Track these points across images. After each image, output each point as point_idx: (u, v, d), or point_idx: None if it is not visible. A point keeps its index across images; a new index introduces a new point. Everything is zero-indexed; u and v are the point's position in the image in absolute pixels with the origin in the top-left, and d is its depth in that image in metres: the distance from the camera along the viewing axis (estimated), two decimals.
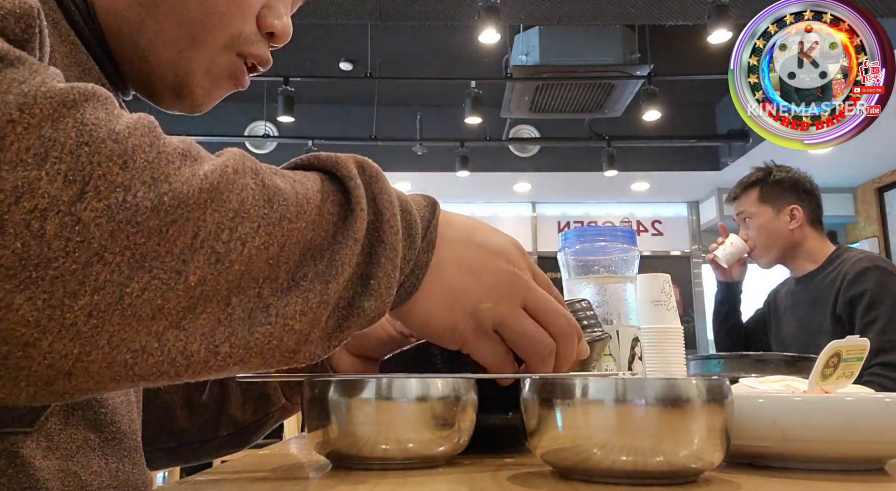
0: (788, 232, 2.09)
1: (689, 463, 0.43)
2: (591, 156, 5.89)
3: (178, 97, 0.60)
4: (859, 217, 6.60)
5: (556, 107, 5.00)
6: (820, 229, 2.14)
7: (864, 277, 1.93)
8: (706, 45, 4.11)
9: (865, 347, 0.66)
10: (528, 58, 4.59)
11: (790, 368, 0.96)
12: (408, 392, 0.50)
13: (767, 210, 2.13)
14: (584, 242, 0.87)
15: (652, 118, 4.98)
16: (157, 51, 0.57)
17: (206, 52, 0.58)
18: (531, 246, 7.10)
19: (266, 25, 0.61)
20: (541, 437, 0.45)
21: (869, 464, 0.52)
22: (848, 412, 0.49)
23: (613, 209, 7.22)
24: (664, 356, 0.91)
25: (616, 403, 0.42)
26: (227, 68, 0.61)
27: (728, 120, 5.79)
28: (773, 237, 2.11)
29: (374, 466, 0.50)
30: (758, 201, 2.14)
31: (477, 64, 5.13)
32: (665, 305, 0.93)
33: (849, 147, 3.34)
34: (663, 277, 0.96)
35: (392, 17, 4.18)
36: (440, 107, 5.95)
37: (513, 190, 6.83)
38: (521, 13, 4.16)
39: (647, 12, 4.10)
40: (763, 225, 2.13)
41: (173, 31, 0.56)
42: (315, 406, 0.51)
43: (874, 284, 1.91)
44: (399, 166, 6.09)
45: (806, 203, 2.12)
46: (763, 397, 0.52)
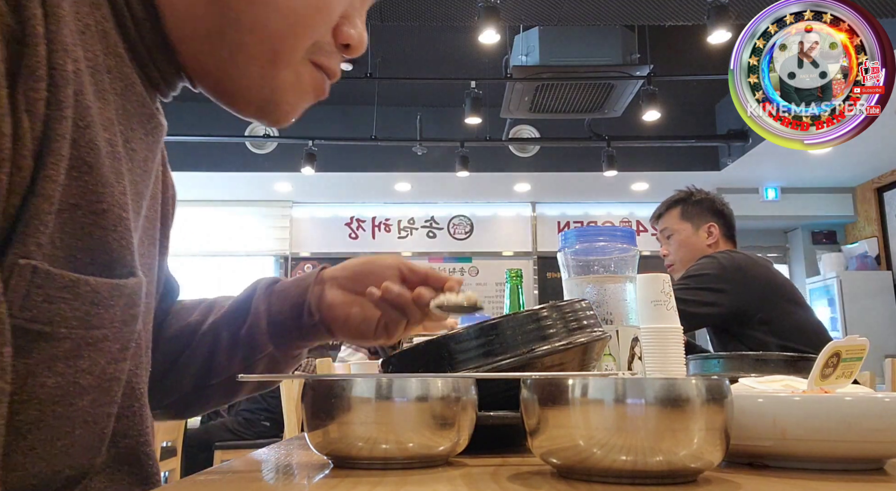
0: (706, 247, 2.31)
1: (688, 462, 0.43)
2: (591, 156, 5.89)
3: (262, 112, 0.59)
4: (858, 217, 6.60)
5: (555, 107, 5.00)
6: (731, 245, 2.35)
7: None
8: (706, 45, 4.11)
9: (865, 347, 0.66)
10: (528, 58, 4.59)
11: (790, 368, 0.96)
12: (408, 392, 0.50)
13: (687, 227, 2.36)
14: (583, 242, 0.87)
15: (652, 118, 4.97)
16: (240, 65, 0.55)
17: (289, 66, 0.57)
18: (531, 246, 7.11)
19: (343, 37, 0.59)
20: (541, 437, 0.46)
21: (868, 464, 0.52)
22: (847, 412, 0.49)
23: (613, 209, 7.22)
24: (664, 356, 0.91)
25: (616, 403, 0.42)
26: (310, 81, 0.60)
27: (728, 120, 5.79)
28: (691, 251, 2.33)
29: (374, 466, 0.50)
30: (679, 219, 2.37)
31: (477, 64, 5.13)
32: (665, 305, 0.93)
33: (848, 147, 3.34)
34: (663, 276, 0.96)
35: (392, 17, 4.18)
36: (440, 107, 5.94)
37: (513, 190, 6.82)
38: (521, 13, 4.16)
39: (646, 12, 4.10)
40: (683, 240, 2.36)
41: (256, 46, 0.54)
42: (315, 406, 0.51)
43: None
44: (399, 166, 6.08)
45: (721, 222, 2.34)
46: (763, 397, 0.52)
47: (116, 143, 0.48)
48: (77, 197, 0.43)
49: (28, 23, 0.39)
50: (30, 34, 0.39)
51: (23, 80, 0.39)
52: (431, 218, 7.10)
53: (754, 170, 5.94)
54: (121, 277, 0.47)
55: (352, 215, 7.01)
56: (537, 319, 0.64)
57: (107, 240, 0.45)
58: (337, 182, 6.40)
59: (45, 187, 0.40)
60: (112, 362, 0.48)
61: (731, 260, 2.12)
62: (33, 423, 0.43)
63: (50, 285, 0.41)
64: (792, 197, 6.53)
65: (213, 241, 6.66)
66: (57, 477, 0.46)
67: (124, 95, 0.51)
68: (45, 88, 0.40)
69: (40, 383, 0.42)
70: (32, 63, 0.39)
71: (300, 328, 0.72)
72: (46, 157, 0.40)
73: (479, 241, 7.08)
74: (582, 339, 0.64)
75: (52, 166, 0.41)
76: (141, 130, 0.53)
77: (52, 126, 0.41)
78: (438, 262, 6.99)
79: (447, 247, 7.07)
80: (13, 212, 0.39)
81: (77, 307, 0.43)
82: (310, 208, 7.03)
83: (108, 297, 0.45)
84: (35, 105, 0.39)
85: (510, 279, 1.26)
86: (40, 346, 0.42)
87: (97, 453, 0.49)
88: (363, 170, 6.15)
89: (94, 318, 0.45)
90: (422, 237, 7.05)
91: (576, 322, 0.66)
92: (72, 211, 0.43)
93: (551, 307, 0.65)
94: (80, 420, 0.46)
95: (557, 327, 0.64)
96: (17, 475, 0.43)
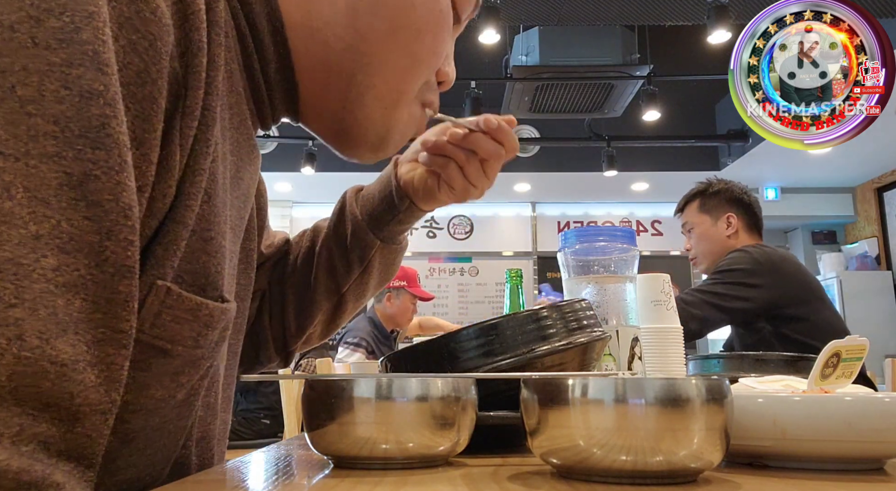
0: (726, 238, 2.26)
1: (688, 463, 0.43)
2: (591, 156, 5.89)
3: (373, 150, 0.62)
4: (858, 217, 6.60)
5: (555, 107, 4.99)
6: (754, 236, 2.28)
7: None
8: (706, 45, 4.11)
9: (865, 347, 0.66)
10: (528, 58, 4.59)
11: (790, 367, 0.96)
12: (408, 392, 0.50)
13: (706, 219, 2.31)
14: (583, 242, 0.87)
15: (652, 118, 4.97)
16: (366, 106, 0.58)
17: (407, 106, 0.61)
18: (531, 246, 7.11)
19: (441, 75, 0.64)
20: (541, 437, 0.46)
21: (868, 464, 0.52)
22: (847, 412, 0.49)
23: (613, 209, 7.22)
24: (664, 356, 0.91)
25: (616, 403, 0.42)
26: (418, 119, 0.64)
27: (728, 120, 5.79)
28: (712, 243, 2.29)
29: (374, 466, 0.50)
30: (698, 211, 2.33)
31: (477, 64, 5.13)
32: (665, 305, 0.93)
33: (848, 147, 3.35)
34: (663, 277, 0.96)
35: None
36: (440, 107, 5.94)
37: (513, 190, 6.82)
38: (521, 13, 4.16)
39: (647, 12, 4.10)
40: (703, 233, 2.32)
41: (383, 87, 0.58)
42: (315, 406, 0.51)
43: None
44: None
45: (741, 212, 2.27)
46: (762, 397, 0.52)
47: (227, 175, 0.51)
48: (195, 224, 0.46)
49: (194, 69, 0.42)
50: (194, 79, 0.43)
51: (179, 118, 0.42)
52: (431, 218, 7.10)
53: (754, 170, 5.94)
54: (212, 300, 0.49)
55: None
56: (537, 319, 0.64)
57: (207, 265, 0.48)
58: (337, 182, 6.39)
59: (185, 215, 0.43)
60: (200, 378, 0.51)
61: (765, 255, 2.08)
62: (137, 432, 0.46)
63: (179, 306, 0.44)
64: (792, 197, 6.52)
65: None
66: (135, 484, 0.49)
67: (238, 129, 0.54)
68: (197, 126, 0.43)
69: (149, 395, 0.45)
70: (192, 104, 0.43)
71: (394, 214, 0.79)
72: (189, 187, 0.43)
73: (479, 241, 7.08)
74: (582, 339, 0.64)
75: (193, 197, 0.44)
76: (247, 160, 0.56)
77: (197, 160, 0.44)
78: (438, 262, 6.99)
79: (447, 247, 7.07)
80: (149, 234, 0.42)
81: (194, 328, 0.46)
82: (310, 208, 7.02)
83: (216, 319, 0.48)
84: (187, 141, 0.43)
85: (510, 279, 1.27)
86: (158, 361, 0.45)
87: (169, 463, 0.52)
88: (363, 170, 6.13)
89: (202, 338, 0.48)
90: (422, 237, 7.05)
91: (576, 322, 0.66)
92: (189, 237, 0.45)
93: (551, 307, 0.65)
94: (167, 431, 0.49)
95: (557, 327, 0.64)
96: (113, 481, 0.46)
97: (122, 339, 0.37)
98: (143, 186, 0.40)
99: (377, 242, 0.79)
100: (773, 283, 2.03)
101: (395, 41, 0.57)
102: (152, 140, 0.40)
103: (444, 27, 0.61)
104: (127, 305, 0.38)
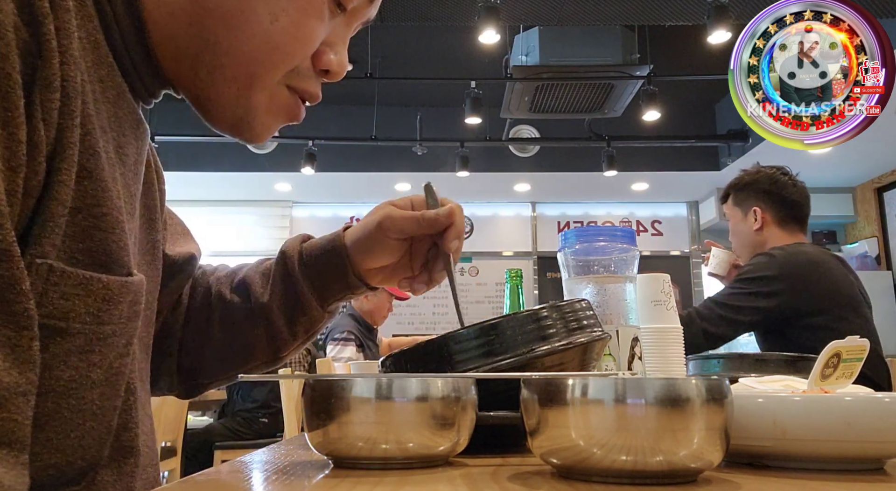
0: (753, 233, 2.13)
1: (688, 463, 0.43)
2: (591, 156, 5.89)
3: (235, 130, 0.61)
4: (858, 217, 6.59)
5: (555, 107, 4.99)
6: (790, 229, 2.12)
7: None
8: (706, 45, 4.11)
9: (865, 347, 0.66)
10: (528, 58, 4.59)
11: (790, 367, 0.96)
12: (408, 392, 0.50)
13: (738, 213, 2.20)
14: (583, 242, 0.87)
15: (652, 118, 4.97)
16: (216, 85, 0.57)
17: (264, 89, 0.59)
18: (531, 246, 7.11)
19: (323, 63, 0.61)
20: (541, 437, 0.46)
21: (868, 464, 0.52)
22: (847, 412, 0.49)
23: (613, 209, 7.22)
24: (664, 356, 0.91)
25: (616, 403, 0.42)
26: (284, 105, 0.61)
27: (728, 120, 5.79)
28: (741, 238, 2.19)
29: (374, 466, 0.50)
30: (732, 205, 2.22)
31: (477, 64, 5.13)
32: (665, 305, 0.93)
33: (848, 147, 3.34)
34: (663, 277, 0.96)
35: (392, 17, 4.18)
36: (440, 107, 5.94)
37: (513, 190, 6.82)
38: (521, 13, 4.16)
39: (646, 12, 4.10)
40: (734, 228, 2.22)
41: (232, 69, 0.56)
42: (315, 406, 0.51)
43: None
44: (399, 166, 6.08)
45: (767, 204, 2.13)
46: (763, 397, 0.52)
47: (110, 150, 0.51)
48: (78, 201, 0.45)
49: (43, 37, 0.42)
50: (45, 48, 0.42)
51: (38, 91, 0.41)
52: None
53: None
54: (119, 276, 0.49)
55: (352, 215, 7.00)
56: (537, 319, 0.64)
57: (106, 242, 0.47)
58: (337, 182, 6.40)
59: (59, 191, 0.43)
60: (118, 357, 0.50)
61: (790, 259, 1.94)
62: (50, 415, 0.45)
63: (65, 283, 0.44)
64: None
65: (214, 241, 6.65)
66: (70, 468, 0.48)
67: (116, 103, 0.53)
68: (58, 98, 0.42)
69: (56, 377, 0.45)
70: (48, 75, 0.42)
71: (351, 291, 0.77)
72: (60, 162, 0.43)
73: (479, 241, 7.08)
74: (582, 339, 0.64)
75: (66, 171, 0.43)
76: (131, 136, 0.56)
77: (64, 134, 0.43)
78: None
79: None
80: (28, 214, 0.42)
81: (90, 304, 0.46)
82: (310, 208, 7.03)
83: (117, 293, 0.48)
84: (50, 114, 0.42)
85: (510, 279, 1.26)
86: (56, 341, 0.44)
87: (104, 445, 0.51)
88: (363, 170, 6.15)
89: (104, 314, 0.47)
90: None
91: (576, 322, 0.66)
92: (73, 214, 0.45)
93: (551, 307, 0.65)
94: (90, 412, 0.48)
95: (557, 327, 0.64)
96: (36, 466, 0.45)
97: (19, 320, 0.38)
98: (17, 167, 0.39)
99: (326, 316, 0.78)
100: (792, 290, 1.91)
101: (243, 22, 0.55)
102: (17, 118, 0.39)
103: (308, 13, 0.57)
104: (13, 287, 0.38)
